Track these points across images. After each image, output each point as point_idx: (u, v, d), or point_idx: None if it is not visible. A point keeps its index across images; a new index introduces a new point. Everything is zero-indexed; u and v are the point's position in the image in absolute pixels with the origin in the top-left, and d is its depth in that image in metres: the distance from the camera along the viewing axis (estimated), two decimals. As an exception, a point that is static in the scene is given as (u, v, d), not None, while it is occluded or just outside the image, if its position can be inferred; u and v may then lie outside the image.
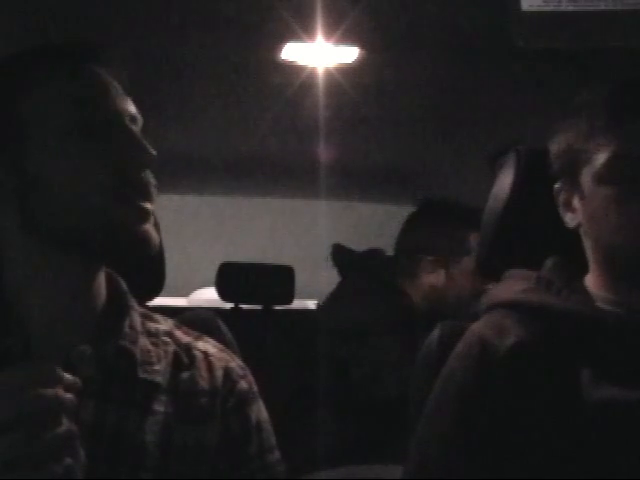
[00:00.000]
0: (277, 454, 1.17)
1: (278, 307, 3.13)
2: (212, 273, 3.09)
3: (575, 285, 1.26)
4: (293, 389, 2.52)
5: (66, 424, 0.90)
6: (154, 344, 1.13)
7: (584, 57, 1.96)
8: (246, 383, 1.17)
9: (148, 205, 1.08)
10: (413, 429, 1.43)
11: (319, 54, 2.17)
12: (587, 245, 1.28)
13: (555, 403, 1.15)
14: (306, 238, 3.79)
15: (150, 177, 1.09)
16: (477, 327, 1.24)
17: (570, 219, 1.29)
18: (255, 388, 1.19)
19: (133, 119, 1.11)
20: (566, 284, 1.26)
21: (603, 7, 1.34)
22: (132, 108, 1.12)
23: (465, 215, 2.29)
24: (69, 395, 0.91)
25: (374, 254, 2.47)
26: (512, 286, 1.29)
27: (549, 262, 1.32)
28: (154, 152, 1.07)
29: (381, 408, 2.10)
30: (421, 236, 2.37)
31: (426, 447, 1.20)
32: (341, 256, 2.51)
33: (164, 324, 1.18)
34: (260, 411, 1.18)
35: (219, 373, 1.15)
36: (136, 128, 1.10)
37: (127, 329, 1.11)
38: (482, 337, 1.20)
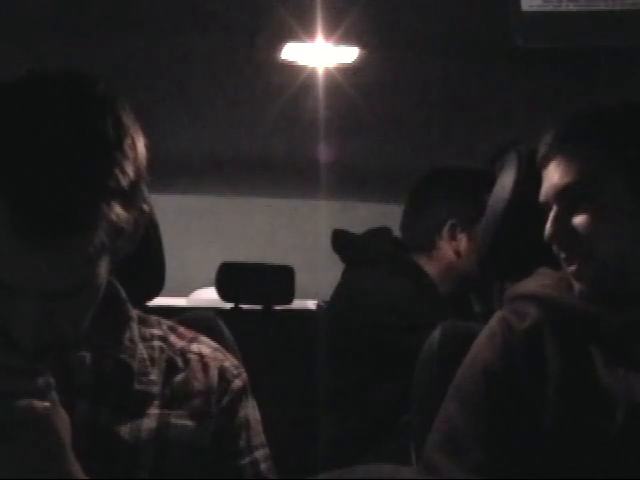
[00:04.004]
0: (266, 451, 1.19)
1: (278, 307, 3.13)
2: (212, 273, 3.09)
3: None
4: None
5: None
6: (149, 348, 1.14)
7: (584, 57, 1.96)
8: (240, 381, 1.19)
9: None
10: (413, 429, 1.44)
11: (319, 54, 2.16)
12: None
13: (568, 380, 1.26)
14: (306, 238, 3.80)
15: None
16: (501, 312, 1.36)
17: None
18: (248, 387, 1.20)
19: None
20: None
21: (603, 7, 1.34)
22: None
23: (476, 176, 2.18)
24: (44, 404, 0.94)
25: (380, 233, 2.32)
26: (535, 281, 1.39)
27: None
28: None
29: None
30: (438, 202, 2.22)
31: (453, 420, 1.29)
32: (343, 241, 2.35)
33: (158, 329, 1.19)
34: (251, 409, 1.20)
35: (214, 373, 1.17)
36: None
37: (127, 342, 1.13)
38: (505, 319, 1.33)
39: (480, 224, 1.93)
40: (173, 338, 1.18)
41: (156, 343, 1.16)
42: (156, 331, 1.18)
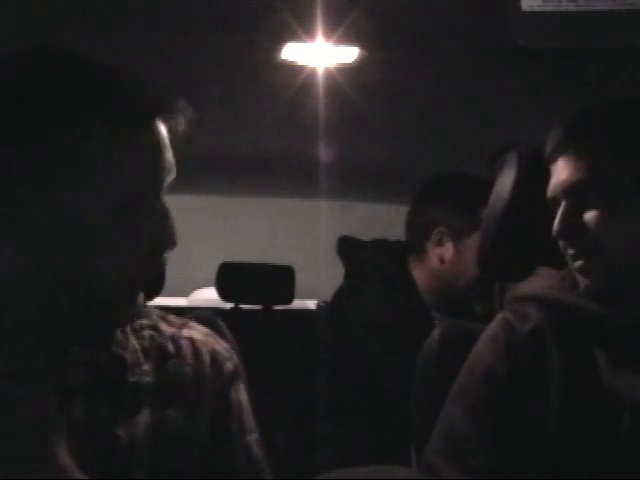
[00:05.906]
0: (256, 435, 1.19)
1: (278, 307, 3.13)
2: (212, 273, 3.09)
3: None
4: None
5: None
6: (140, 338, 1.15)
7: (584, 57, 1.96)
8: (231, 364, 1.19)
9: None
10: (413, 429, 1.43)
11: (319, 54, 2.16)
12: None
13: (572, 382, 1.25)
14: (306, 238, 3.80)
15: None
16: (503, 314, 1.36)
17: None
18: (240, 369, 1.21)
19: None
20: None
21: (603, 7, 1.34)
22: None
23: (477, 188, 2.20)
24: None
25: (378, 245, 2.37)
26: (537, 282, 1.39)
27: None
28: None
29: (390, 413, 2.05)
30: (432, 207, 2.30)
31: (455, 423, 1.29)
32: (345, 249, 2.41)
33: (147, 319, 1.19)
34: (242, 392, 1.20)
35: (205, 357, 1.17)
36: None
37: (119, 335, 1.13)
38: (507, 321, 1.32)
39: (471, 237, 2.17)
40: (163, 326, 1.19)
41: (146, 332, 1.16)
42: (145, 321, 1.18)
